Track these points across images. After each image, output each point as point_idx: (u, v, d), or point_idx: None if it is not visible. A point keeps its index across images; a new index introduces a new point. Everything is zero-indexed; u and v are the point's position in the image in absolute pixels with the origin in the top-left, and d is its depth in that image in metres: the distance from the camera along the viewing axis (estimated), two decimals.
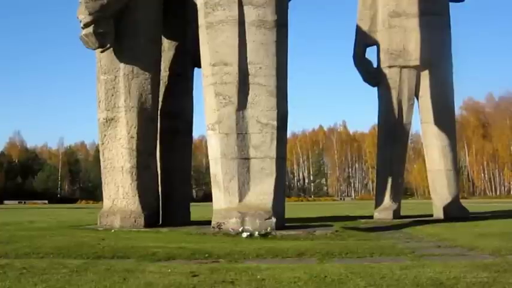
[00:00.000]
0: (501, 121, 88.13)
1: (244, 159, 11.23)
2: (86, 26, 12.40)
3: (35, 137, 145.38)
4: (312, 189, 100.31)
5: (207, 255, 7.33)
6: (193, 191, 79.75)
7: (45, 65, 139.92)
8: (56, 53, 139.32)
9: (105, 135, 13.19)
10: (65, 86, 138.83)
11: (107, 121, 13.12)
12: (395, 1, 16.78)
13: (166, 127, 14.22)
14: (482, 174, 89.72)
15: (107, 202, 13.15)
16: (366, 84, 17.41)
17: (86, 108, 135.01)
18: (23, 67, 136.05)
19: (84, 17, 12.35)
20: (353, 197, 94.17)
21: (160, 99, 14.07)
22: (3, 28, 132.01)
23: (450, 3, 17.58)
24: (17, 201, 74.26)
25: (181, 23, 14.38)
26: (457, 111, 65.43)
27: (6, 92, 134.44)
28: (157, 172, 13.83)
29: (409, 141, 17.97)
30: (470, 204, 25.52)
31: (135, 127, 12.91)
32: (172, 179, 14.26)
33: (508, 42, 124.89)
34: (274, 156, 11.23)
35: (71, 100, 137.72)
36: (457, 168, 17.82)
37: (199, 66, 12.60)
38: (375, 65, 17.25)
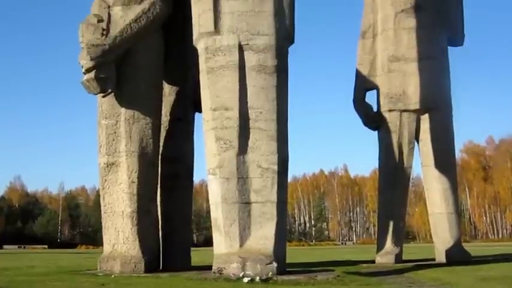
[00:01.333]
0: (502, 163, 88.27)
1: (245, 203, 11.20)
2: (88, 71, 12.51)
3: (36, 181, 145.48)
4: (313, 234, 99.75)
5: None
6: (194, 235, 79.28)
7: (46, 110, 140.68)
8: (57, 98, 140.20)
9: (105, 180, 13.18)
10: (66, 131, 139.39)
11: (107, 166, 13.12)
12: (394, 46, 16.95)
13: (166, 171, 14.21)
14: (484, 217, 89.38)
15: (107, 247, 13.06)
16: (367, 128, 17.48)
17: (87, 153, 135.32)
18: (24, 111, 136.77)
19: (86, 62, 12.47)
20: (354, 241, 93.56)
21: (161, 143, 14.09)
22: (3, 67, 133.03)
23: (449, 47, 17.76)
24: (16, 246, 73.75)
25: (182, 68, 14.49)
26: (458, 154, 65.46)
27: (7, 137, 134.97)
28: (157, 217, 13.78)
29: (410, 184, 17.98)
30: (473, 248, 25.36)
31: (135, 172, 12.91)
32: (173, 223, 14.18)
33: (506, 85, 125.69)
34: (275, 200, 11.20)
35: (72, 145, 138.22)
36: (459, 212, 17.76)
37: (200, 111, 12.66)
38: (375, 109, 17.35)
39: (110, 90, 12.93)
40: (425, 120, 17.03)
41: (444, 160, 17.09)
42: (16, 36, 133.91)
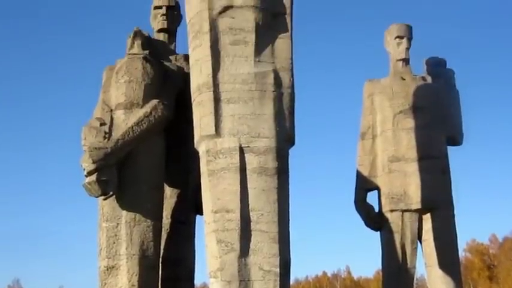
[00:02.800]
0: (506, 262, 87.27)
1: None
2: (90, 174, 12.59)
3: (35, 285, 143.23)
4: None
5: None
6: None
7: (46, 212, 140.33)
8: (57, 200, 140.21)
9: (105, 284, 12.98)
10: (65, 234, 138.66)
11: (107, 269, 12.96)
12: (394, 146, 17.07)
13: (167, 274, 14.00)
14: None
15: None
16: (369, 229, 17.37)
17: (86, 256, 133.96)
18: (23, 213, 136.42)
19: (87, 165, 12.57)
20: None
21: (162, 246, 13.97)
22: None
23: (448, 147, 17.89)
24: None
25: (183, 171, 14.57)
26: (461, 253, 64.77)
27: (6, 240, 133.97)
28: None
29: (415, 285, 17.71)
30: None
31: (136, 275, 12.74)
32: None
33: (507, 183, 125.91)
34: None
35: (71, 248, 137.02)
36: None
37: (201, 213, 12.60)
38: (376, 210, 17.30)
39: (111, 193, 12.97)
40: (427, 220, 16.94)
41: (448, 260, 16.86)
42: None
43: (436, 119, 17.46)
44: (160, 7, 15.20)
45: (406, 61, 17.31)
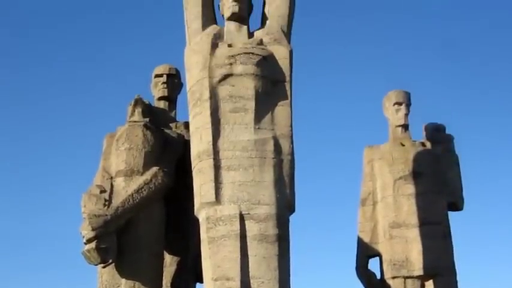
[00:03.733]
0: None
1: None
2: (89, 241, 12.54)
3: None
4: None
5: None
6: None
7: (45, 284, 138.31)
8: (56, 268, 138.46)
9: None
10: None
11: None
12: (394, 212, 16.98)
13: None
14: None
15: None
16: None
17: None
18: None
19: (87, 232, 12.53)
20: None
21: None
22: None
23: (449, 212, 17.80)
24: None
25: (183, 238, 14.48)
26: None
27: None
28: None
29: None
30: None
31: None
32: None
33: (508, 247, 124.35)
34: None
35: None
36: None
37: (201, 282, 12.51)
38: (378, 277, 17.11)
39: (110, 261, 12.86)
40: (429, 286, 16.72)
41: None
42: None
43: (436, 184, 17.42)
44: (161, 75, 15.38)
45: (405, 127, 17.37)
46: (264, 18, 13.34)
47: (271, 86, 12.55)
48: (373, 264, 17.41)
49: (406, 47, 40.37)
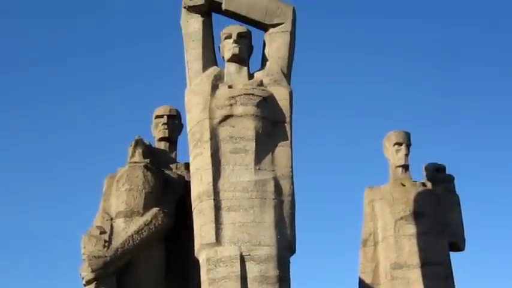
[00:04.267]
0: None
1: None
2: (89, 283, 12.51)
3: None
4: None
5: None
6: None
7: None
8: None
9: None
10: None
11: None
12: (396, 253, 16.91)
13: None
14: None
15: None
16: None
17: None
18: None
19: (87, 274, 12.50)
20: None
21: None
22: None
23: (451, 252, 17.72)
24: None
25: (183, 279, 14.38)
26: None
27: None
28: None
29: None
30: None
31: None
32: None
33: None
34: None
35: None
36: None
37: None
38: None
39: None
40: None
41: None
42: None
43: (438, 224, 17.37)
44: (161, 116, 15.45)
45: (405, 167, 17.38)
46: (264, 60, 13.47)
47: (272, 126, 12.62)
48: None
49: (405, 87, 40.53)
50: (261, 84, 12.85)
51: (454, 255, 17.82)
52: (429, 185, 17.73)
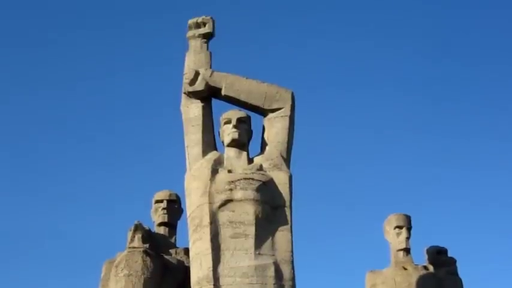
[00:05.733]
0: None
1: None
2: None
3: None
4: None
5: None
6: None
7: None
8: None
9: None
10: None
11: None
12: None
13: None
14: None
15: None
16: None
17: None
18: None
19: None
20: None
21: None
22: None
23: None
24: None
25: None
26: None
27: None
28: None
29: None
30: None
31: None
32: None
33: None
34: None
35: None
36: None
37: None
38: None
39: None
40: None
41: None
42: None
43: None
44: (161, 201, 15.46)
45: (407, 251, 17.27)
46: (263, 144, 13.57)
47: (272, 211, 12.59)
48: None
49: (406, 169, 40.63)
50: (260, 168, 12.90)
51: None
52: (431, 268, 17.60)
